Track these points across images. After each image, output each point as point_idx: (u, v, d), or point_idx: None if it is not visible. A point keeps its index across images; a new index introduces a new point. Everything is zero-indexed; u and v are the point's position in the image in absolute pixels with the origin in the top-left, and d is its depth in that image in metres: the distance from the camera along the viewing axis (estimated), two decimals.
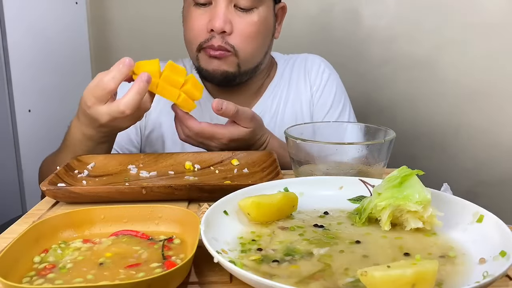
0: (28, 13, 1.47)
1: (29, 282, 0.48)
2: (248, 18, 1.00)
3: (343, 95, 1.21)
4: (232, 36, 1.00)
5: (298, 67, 1.21)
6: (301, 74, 1.20)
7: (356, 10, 1.76)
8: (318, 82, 1.19)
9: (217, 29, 0.97)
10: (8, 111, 1.41)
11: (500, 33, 1.71)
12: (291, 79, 1.19)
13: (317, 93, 1.19)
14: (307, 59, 1.22)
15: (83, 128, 0.87)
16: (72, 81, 1.69)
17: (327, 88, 1.19)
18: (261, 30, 1.03)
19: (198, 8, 1.01)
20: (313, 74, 1.20)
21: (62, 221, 0.58)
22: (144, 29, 1.82)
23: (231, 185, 0.74)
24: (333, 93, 1.19)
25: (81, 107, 0.84)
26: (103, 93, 0.80)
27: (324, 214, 0.63)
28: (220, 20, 0.97)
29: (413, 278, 0.41)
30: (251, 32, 1.01)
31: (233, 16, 0.99)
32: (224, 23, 0.97)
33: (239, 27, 0.99)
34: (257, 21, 1.01)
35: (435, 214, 0.55)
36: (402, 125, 1.81)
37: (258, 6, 1.01)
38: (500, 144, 1.80)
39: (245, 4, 0.99)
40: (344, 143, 0.74)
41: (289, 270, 0.48)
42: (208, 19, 0.99)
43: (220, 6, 0.98)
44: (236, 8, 1.00)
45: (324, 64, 1.22)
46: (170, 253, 0.53)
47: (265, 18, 1.03)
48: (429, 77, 1.78)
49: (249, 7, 1.00)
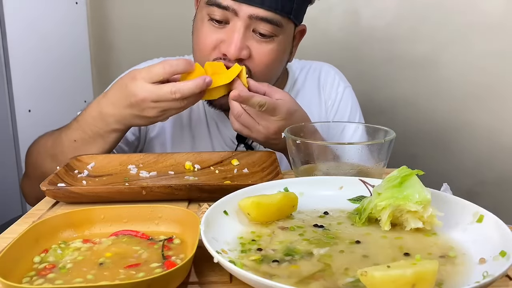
0: (28, 13, 1.47)
1: (29, 282, 0.48)
2: (267, 46, 0.92)
3: (358, 109, 1.16)
4: (249, 60, 0.92)
5: (311, 78, 1.16)
6: (315, 87, 1.15)
7: (356, 11, 1.76)
8: (333, 96, 1.14)
9: (231, 55, 0.89)
10: (8, 111, 1.41)
11: (500, 33, 1.71)
12: (304, 91, 1.14)
13: (333, 109, 1.14)
14: (321, 71, 1.17)
15: (105, 106, 0.86)
16: (72, 81, 1.70)
17: (342, 103, 1.14)
18: (279, 58, 0.97)
19: (213, 24, 0.92)
20: (328, 88, 1.15)
21: (62, 221, 0.58)
22: (144, 29, 1.82)
23: (231, 185, 0.74)
24: (349, 107, 1.14)
25: (121, 82, 0.84)
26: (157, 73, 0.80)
27: (324, 214, 0.63)
28: (236, 47, 0.88)
29: (413, 278, 0.41)
30: (269, 60, 0.94)
31: (251, 41, 0.91)
32: (240, 50, 0.89)
33: (257, 54, 0.92)
34: (276, 50, 0.94)
35: (435, 214, 0.55)
36: (402, 125, 1.81)
37: (279, 35, 0.93)
38: (500, 144, 1.80)
39: (266, 31, 0.91)
40: (344, 143, 0.74)
41: (289, 270, 0.48)
42: (222, 40, 0.91)
43: (238, 31, 0.89)
44: (255, 33, 0.91)
45: (339, 76, 1.18)
46: (170, 253, 0.53)
47: (285, 45, 0.97)
48: (429, 77, 1.78)
49: (270, 34, 0.91)
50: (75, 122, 0.92)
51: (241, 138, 1.06)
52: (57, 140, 0.94)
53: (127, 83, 0.83)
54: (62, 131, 0.94)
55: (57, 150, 0.93)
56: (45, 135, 1.00)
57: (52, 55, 1.60)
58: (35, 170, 0.99)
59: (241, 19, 0.89)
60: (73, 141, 0.91)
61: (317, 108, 1.14)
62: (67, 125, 0.95)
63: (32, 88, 1.48)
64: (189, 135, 1.10)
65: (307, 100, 1.12)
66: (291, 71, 1.16)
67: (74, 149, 0.90)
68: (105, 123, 0.88)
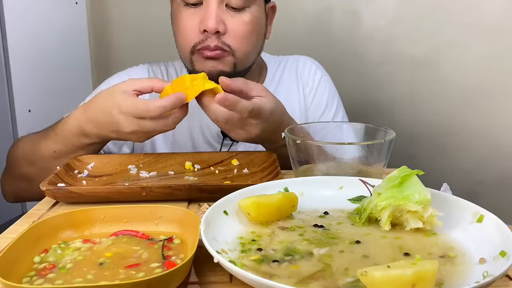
0: (28, 13, 1.47)
1: (29, 282, 0.48)
2: (240, 17, 0.98)
3: (336, 96, 1.21)
4: (226, 36, 0.97)
5: (289, 70, 1.20)
6: (293, 77, 1.19)
7: (355, 11, 1.76)
8: (311, 84, 1.19)
9: (210, 29, 0.95)
10: (8, 111, 1.41)
11: (500, 33, 1.71)
12: (282, 82, 1.18)
13: (310, 95, 1.18)
14: (298, 62, 1.22)
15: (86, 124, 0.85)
16: (72, 81, 1.69)
17: (319, 90, 1.18)
18: (255, 30, 1.01)
19: (189, 8, 0.98)
20: (305, 76, 1.19)
21: (62, 221, 0.58)
22: (144, 29, 1.81)
23: (231, 185, 0.74)
24: (326, 94, 1.19)
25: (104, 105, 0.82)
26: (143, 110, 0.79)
27: (324, 214, 0.63)
28: (213, 20, 0.94)
29: (413, 278, 0.41)
30: (246, 31, 0.99)
31: (226, 15, 0.97)
32: (217, 23, 0.95)
33: (232, 26, 0.97)
34: (250, 20, 0.99)
35: (435, 214, 0.55)
36: (402, 125, 1.81)
37: (250, 5, 0.99)
38: (500, 144, 1.80)
39: (237, 4, 0.97)
40: (344, 143, 0.74)
41: (289, 270, 0.48)
42: (200, 19, 0.96)
43: (212, 6, 0.95)
44: (228, 8, 0.97)
45: (316, 66, 1.22)
46: (170, 253, 0.53)
47: (258, 17, 1.02)
48: (428, 77, 1.78)
49: (241, 7, 0.98)
50: (53, 133, 0.91)
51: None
52: (35, 147, 0.92)
53: (112, 112, 0.81)
54: (42, 140, 0.92)
55: (36, 156, 0.93)
56: (24, 138, 0.99)
57: (52, 55, 1.60)
58: (14, 169, 0.99)
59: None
60: (52, 151, 0.90)
61: (296, 97, 1.18)
62: (46, 132, 0.93)
63: (32, 88, 1.48)
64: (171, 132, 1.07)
65: (286, 90, 1.17)
66: (269, 65, 1.19)
67: (54, 157, 0.90)
68: (86, 138, 0.87)
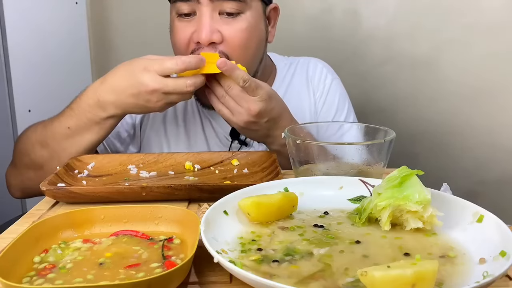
0: (28, 13, 1.47)
1: (29, 282, 0.48)
2: (236, 24, 0.94)
3: (346, 99, 1.18)
4: (223, 44, 0.94)
5: (300, 72, 1.18)
6: (303, 80, 1.17)
7: (356, 10, 1.76)
8: (321, 88, 1.16)
9: (204, 41, 0.92)
10: (8, 111, 1.41)
11: (500, 33, 1.71)
12: (293, 85, 1.16)
13: (321, 100, 1.16)
14: (309, 64, 1.19)
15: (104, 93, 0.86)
16: (72, 81, 1.69)
17: (330, 94, 1.16)
18: (253, 36, 0.97)
19: (182, 19, 0.96)
20: (316, 80, 1.17)
21: (62, 221, 0.58)
22: (144, 29, 1.82)
23: (231, 185, 0.74)
24: (336, 98, 1.16)
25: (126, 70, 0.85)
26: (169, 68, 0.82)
27: (324, 214, 0.63)
28: (206, 30, 0.91)
29: (413, 278, 0.41)
30: (242, 39, 0.95)
31: (220, 24, 0.93)
32: (210, 33, 0.92)
33: (228, 35, 0.94)
34: (246, 27, 0.95)
35: (435, 214, 0.55)
36: (402, 125, 1.81)
37: (244, 11, 0.95)
38: (500, 144, 1.80)
39: (230, 9, 0.93)
40: (344, 143, 0.74)
41: (289, 270, 0.48)
42: (193, 30, 0.94)
43: (205, 16, 0.92)
44: (222, 15, 0.94)
45: (327, 69, 1.20)
46: (170, 253, 0.53)
47: (255, 22, 0.98)
48: (429, 76, 1.78)
49: (236, 12, 0.94)
50: (68, 109, 0.91)
51: (234, 134, 1.07)
52: (47, 127, 0.93)
53: (136, 72, 0.83)
54: (54, 119, 0.93)
55: (48, 137, 0.92)
56: (36, 124, 1.00)
57: (52, 55, 1.60)
58: (23, 157, 0.97)
59: (203, 4, 0.93)
60: (66, 128, 0.90)
61: (307, 101, 1.16)
62: (60, 113, 0.94)
63: (32, 88, 1.48)
64: (184, 133, 1.11)
65: (296, 93, 1.15)
66: (279, 67, 1.18)
67: (67, 136, 0.90)
68: (102, 110, 0.87)
